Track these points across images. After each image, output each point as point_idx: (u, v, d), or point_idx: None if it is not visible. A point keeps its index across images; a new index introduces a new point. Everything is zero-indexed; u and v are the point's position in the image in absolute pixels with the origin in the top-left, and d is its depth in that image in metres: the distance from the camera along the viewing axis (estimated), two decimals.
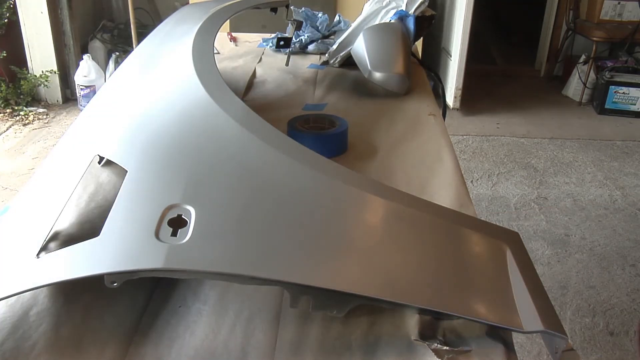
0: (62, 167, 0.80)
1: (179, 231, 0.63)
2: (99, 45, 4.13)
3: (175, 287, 0.73)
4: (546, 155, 3.31)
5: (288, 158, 0.76)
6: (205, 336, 0.65)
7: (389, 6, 1.62)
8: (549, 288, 2.10)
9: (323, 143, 1.07)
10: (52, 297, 0.67)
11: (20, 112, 3.59)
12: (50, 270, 0.60)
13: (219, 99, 0.87)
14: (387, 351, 0.62)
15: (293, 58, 1.75)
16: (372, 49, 1.45)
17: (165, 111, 0.88)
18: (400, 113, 1.32)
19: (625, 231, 2.56)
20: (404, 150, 1.12)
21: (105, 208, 0.80)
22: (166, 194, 0.68)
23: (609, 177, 3.07)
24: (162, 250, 0.60)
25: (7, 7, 3.56)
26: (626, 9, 3.99)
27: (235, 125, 0.81)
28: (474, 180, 2.98)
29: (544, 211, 2.70)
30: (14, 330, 0.63)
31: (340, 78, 1.60)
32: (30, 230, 0.68)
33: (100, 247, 0.61)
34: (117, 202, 0.67)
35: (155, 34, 1.25)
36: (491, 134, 3.58)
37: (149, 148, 0.79)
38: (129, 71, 1.07)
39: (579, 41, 4.33)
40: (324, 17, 1.95)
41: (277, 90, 1.50)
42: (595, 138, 3.58)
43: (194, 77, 0.93)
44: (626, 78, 3.92)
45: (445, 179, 1.00)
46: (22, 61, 3.70)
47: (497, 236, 0.73)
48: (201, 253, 0.61)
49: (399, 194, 0.77)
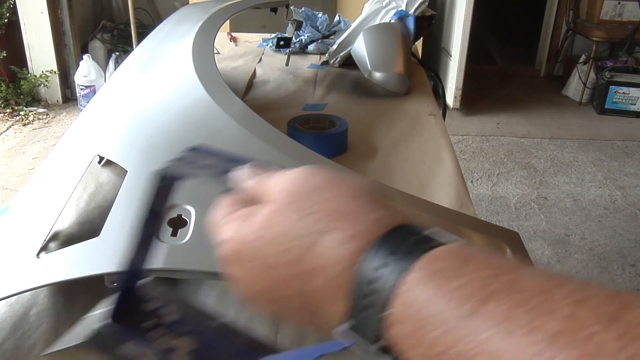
0: (62, 167, 0.80)
1: (179, 231, 0.63)
2: (99, 45, 4.13)
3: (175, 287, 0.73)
4: (546, 155, 3.31)
5: (288, 158, 0.76)
6: None
7: (389, 6, 1.62)
8: None
9: (323, 143, 1.07)
10: (52, 297, 0.67)
11: (20, 112, 3.59)
12: (50, 270, 0.60)
13: (219, 99, 0.87)
14: None
15: (293, 58, 1.75)
16: (372, 49, 1.45)
17: (165, 111, 0.88)
18: (400, 113, 1.32)
19: (625, 231, 2.56)
20: (404, 150, 1.12)
21: (105, 208, 0.80)
22: None
23: (609, 177, 3.07)
24: (162, 250, 0.60)
25: (7, 7, 3.55)
26: (626, 9, 3.99)
27: (235, 125, 0.81)
28: (474, 180, 2.98)
29: (544, 211, 2.70)
30: (14, 330, 0.62)
31: (340, 78, 1.60)
32: (30, 230, 0.68)
33: (100, 247, 0.61)
34: (117, 202, 0.67)
35: (155, 34, 1.25)
36: (491, 134, 3.58)
37: (149, 148, 0.79)
38: (129, 71, 1.07)
39: (579, 41, 4.33)
40: (324, 17, 1.95)
41: (277, 90, 1.50)
42: (595, 138, 3.58)
43: (194, 77, 0.93)
44: (626, 78, 3.91)
45: (445, 179, 1.00)
46: (22, 61, 3.70)
47: (497, 236, 0.73)
48: (201, 253, 0.61)
49: (399, 194, 0.77)
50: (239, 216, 0.33)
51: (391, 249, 0.27)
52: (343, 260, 0.28)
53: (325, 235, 0.29)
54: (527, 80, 4.64)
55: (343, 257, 0.28)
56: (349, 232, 0.29)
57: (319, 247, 0.29)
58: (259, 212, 0.32)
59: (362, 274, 0.27)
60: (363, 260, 0.28)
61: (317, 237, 0.29)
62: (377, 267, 0.27)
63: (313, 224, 0.30)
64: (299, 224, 0.30)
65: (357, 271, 0.28)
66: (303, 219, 0.30)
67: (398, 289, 0.26)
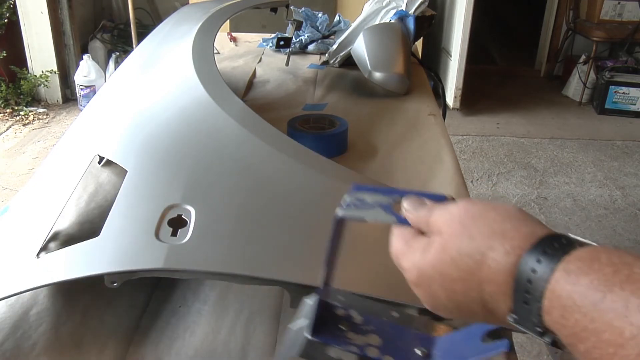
0: (62, 167, 0.80)
1: (179, 231, 0.63)
2: (99, 45, 4.13)
3: (175, 287, 0.73)
4: (546, 155, 3.31)
5: (288, 158, 0.76)
6: (205, 336, 0.65)
7: (389, 6, 1.62)
8: None
9: (323, 143, 1.07)
10: (52, 297, 0.67)
11: (20, 112, 3.59)
12: (50, 270, 0.60)
13: (219, 99, 0.87)
14: None
15: (293, 58, 1.75)
16: (372, 49, 1.45)
17: (165, 111, 0.88)
18: (400, 113, 1.32)
19: (625, 231, 2.56)
20: (404, 150, 1.12)
21: (105, 208, 0.80)
22: (166, 194, 0.68)
23: (609, 177, 3.07)
24: (162, 250, 0.60)
25: (7, 7, 3.55)
26: (626, 9, 3.98)
27: (235, 125, 0.81)
28: (474, 180, 2.98)
29: (544, 211, 2.70)
30: (14, 330, 0.62)
31: (340, 78, 1.60)
32: (30, 230, 0.68)
33: (100, 247, 0.61)
34: (117, 202, 0.67)
35: (155, 34, 1.25)
36: (491, 134, 3.58)
37: (149, 148, 0.79)
38: (129, 71, 1.07)
39: (579, 41, 4.33)
40: (324, 17, 1.95)
41: (277, 90, 1.50)
42: (595, 138, 3.58)
43: (194, 77, 0.93)
44: (626, 78, 3.91)
45: (445, 179, 1.00)
46: (22, 61, 3.70)
47: None
48: (201, 253, 0.61)
49: None
50: (418, 248, 0.43)
51: (541, 254, 0.36)
52: (507, 268, 0.37)
53: (490, 251, 0.38)
54: (527, 80, 4.64)
55: (507, 265, 0.37)
56: (508, 247, 0.38)
57: (487, 261, 0.38)
58: (433, 242, 0.42)
59: (522, 274, 0.36)
60: (521, 264, 0.36)
61: (484, 254, 0.38)
62: (532, 268, 0.36)
63: (480, 244, 0.39)
64: (469, 246, 0.39)
65: (518, 273, 0.36)
66: (471, 242, 0.39)
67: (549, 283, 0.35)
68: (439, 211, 0.43)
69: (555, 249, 0.36)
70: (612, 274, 0.33)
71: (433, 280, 0.41)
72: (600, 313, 0.32)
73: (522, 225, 0.39)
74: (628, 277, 0.32)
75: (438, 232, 0.42)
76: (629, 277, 0.32)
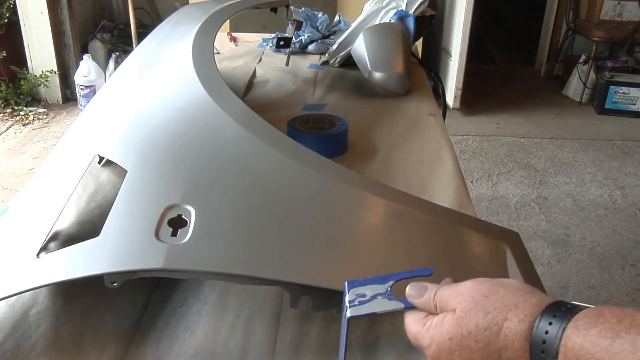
0: (62, 167, 0.80)
1: (179, 231, 0.63)
2: (99, 45, 4.13)
3: (175, 287, 0.73)
4: (546, 155, 3.31)
5: (288, 158, 0.76)
6: (205, 336, 0.65)
7: (389, 6, 1.62)
8: (549, 288, 2.10)
9: (323, 143, 1.07)
10: (52, 297, 0.67)
11: (20, 112, 3.59)
12: (50, 270, 0.60)
13: (219, 99, 0.87)
14: (387, 351, 0.62)
15: (293, 58, 1.75)
16: (372, 49, 1.45)
17: (165, 111, 0.88)
18: (400, 113, 1.32)
19: (625, 231, 2.56)
20: (404, 150, 1.12)
21: (105, 208, 0.80)
22: (166, 194, 0.68)
23: (609, 177, 3.07)
24: (162, 250, 0.60)
25: (7, 7, 3.55)
26: (626, 9, 3.98)
27: (235, 125, 0.81)
28: (474, 180, 2.98)
29: (544, 211, 2.70)
30: (14, 330, 0.63)
31: (340, 78, 1.60)
32: (30, 230, 0.68)
33: (100, 247, 0.61)
34: (117, 202, 0.67)
35: (155, 34, 1.24)
36: (491, 134, 3.57)
37: (149, 148, 0.79)
38: (129, 71, 1.07)
39: (579, 41, 4.33)
40: (324, 17, 1.95)
41: (277, 90, 1.50)
42: (595, 138, 3.58)
43: (194, 77, 0.93)
44: (626, 78, 3.91)
45: (445, 179, 1.00)
46: (22, 61, 3.70)
47: (497, 236, 0.73)
48: (201, 253, 0.61)
49: (399, 194, 0.77)
50: (433, 326, 0.48)
51: (552, 317, 0.42)
52: (523, 334, 0.43)
53: (506, 322, 0.44)
54: (527, 80, 4.64)
55: (522, 332, 0.43)
56: (521, 316, 0.43)
57: (504, 331, 0.44)
58: (448, 318, 0.47)
59: (537, 337, 0.42)
60: (535, 329, 0.42)
61: (500, 325, 0.44)
62: (545, 329, 0.42)
63: (496, 317, 0.44)
64: (485, 320, 0.45)
65: (533, 337, 0.42)
66: (487, 317, 0.45)
67: (562, 340, 0.40)
68: (445, 292, 0.49)
69: (563, 312, 0.42)
70: (617, 323, 0.38)
71: (452, 353, 0.47)
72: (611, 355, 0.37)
73: (530, 296, 0.45)
74: (632, 323, 0.38)
75: (451, 310, 0.48)
76: (632, 323, 0.38)
